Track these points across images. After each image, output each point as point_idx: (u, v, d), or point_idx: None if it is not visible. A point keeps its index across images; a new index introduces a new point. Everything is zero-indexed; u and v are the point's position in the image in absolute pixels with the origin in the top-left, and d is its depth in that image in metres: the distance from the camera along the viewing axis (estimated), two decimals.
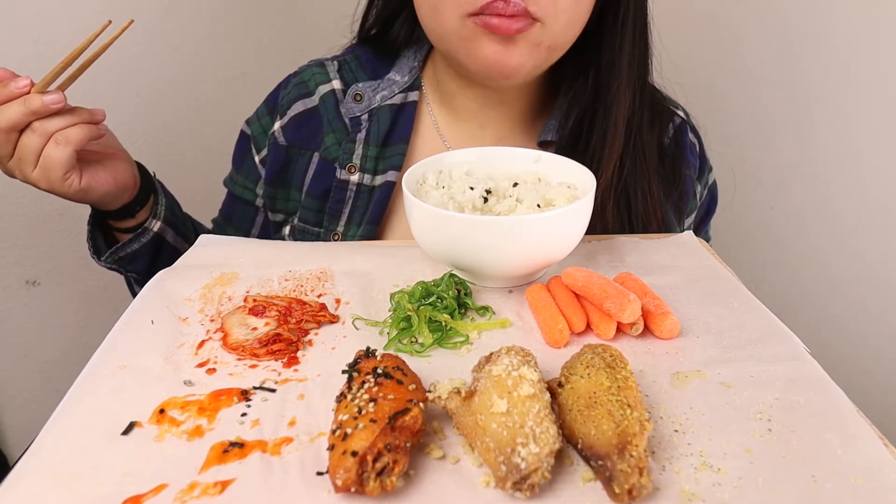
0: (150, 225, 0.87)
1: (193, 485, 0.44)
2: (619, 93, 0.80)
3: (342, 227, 0.87)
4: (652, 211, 0.82)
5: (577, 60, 0.83)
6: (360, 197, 0.87)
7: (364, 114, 0.88)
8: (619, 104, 0.80)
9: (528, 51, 0.74)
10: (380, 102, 0.88)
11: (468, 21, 0.72)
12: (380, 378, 0.48)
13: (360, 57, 0.92)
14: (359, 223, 0.87)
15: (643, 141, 0.82)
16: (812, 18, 1.30)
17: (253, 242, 0.80)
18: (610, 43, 0.80)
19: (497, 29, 0.71)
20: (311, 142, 0.90)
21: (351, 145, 0.87)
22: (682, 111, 0.94)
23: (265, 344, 0.58)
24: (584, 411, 0.46)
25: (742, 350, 0.57)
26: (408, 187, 0.66)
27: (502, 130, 0.90)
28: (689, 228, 0.91)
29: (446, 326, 0.61)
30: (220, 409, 0.51)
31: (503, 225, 0.61)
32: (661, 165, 0.86)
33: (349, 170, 0.87)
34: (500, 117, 0.89)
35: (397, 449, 0.43)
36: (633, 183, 0.82)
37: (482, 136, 0.90)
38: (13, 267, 1.32)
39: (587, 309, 0.62)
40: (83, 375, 0.55)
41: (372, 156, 0.87)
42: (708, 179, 0.95)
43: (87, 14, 1.18)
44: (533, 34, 0.73)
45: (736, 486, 0.43)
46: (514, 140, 0.90)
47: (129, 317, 0.62)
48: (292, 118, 0.90)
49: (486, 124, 0.90)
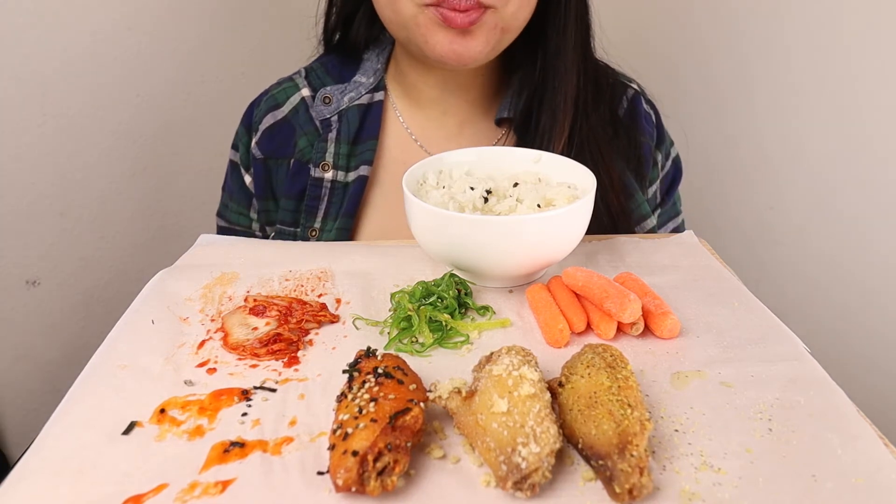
0: None
1: (194, 484, 0.44)
2: (565, 72, 0.85)
3: (318, 222, 0.90)
4: (605, 172, 0.85)
5: (526, 42, 0.87)
6: (335, 193, 0.90)
7: (334, 115, 0.92)
8: (565, 82, 0.85)
9: (485, 36, 0.78)
10: (348, 104, 0.92)
11: (425, 10, 0.76)
12: (380, 378, 0.48)
13: (325, 64, 0.97)
14: (335, 217, 0.90)
15: (590, 113, 0.87)
16: (811, 17, 1.30)
17: (253, 242, 0.80)
18: (554, 25, 0.85)
19: (452, 22, 0.75)
20: (285, 150, 0.93)
21: (323, 144, 0.91)
22: (636, 84, 0.98)
23: (266, 344, 0.58)
24: (585, 411, 0.47)
25: (742, 350, 0.57)
26: (408, 187, 0.66)
27: (463, 115, 0.94)
28: (655, 198, 0.96)
29: (447, 326, 0.61)
30: (221, 409, 0.51)
31: (503, 225, 0.61)
32: (616, 135, 0.91)
33: (322, 168, 0.90)
34: (459, 102, 0.93)
35: (398, 449, 0.43)
36: (585, 151, 0.87)
37: (445, 123, 0.94)
38: (13, 267, 1.32)
39: (587, 309, 0.62)
40: (83, 375, 0.55)
41: (344, 153, 0.90)
42: (670, 152, 0.99)
43: (88, 15, 1.18)
44: (486, 20, 0.77)
45: (736, 485, 0.43)
46: (475, 124, 0.95)
47: (130, 317, 0.63)
48: (264, 132, 0.94)
49: (448, 110, 0.94)
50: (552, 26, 0.85)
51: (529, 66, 0.89)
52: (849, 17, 1.28)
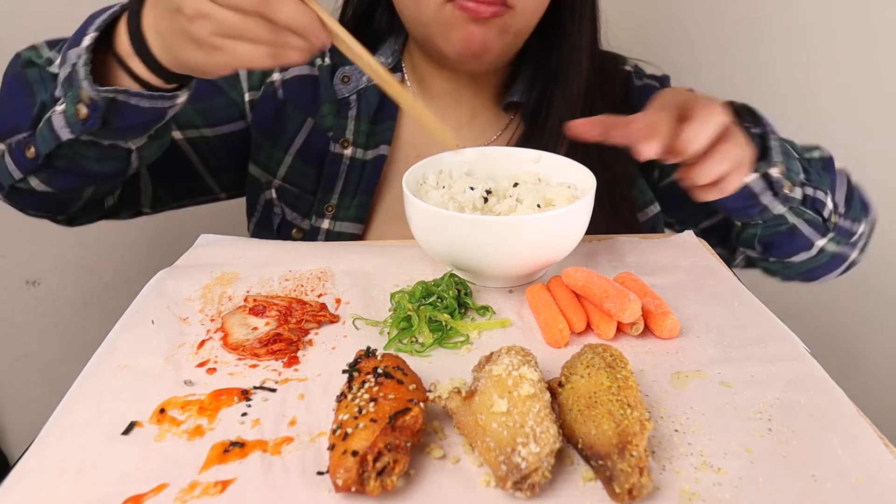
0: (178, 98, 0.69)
1: (194, 484, 0.44)
2: (578, 67, 0.87)
3: (336, 198, 0.91)
4: (608, 166, 0.84)
5: (539, 36, 0.88)
6: (353, 170, 0.90)
7: (353, 94, 0.92)
8: (579, 77, 0.87)
9: (498, 34, 0.80)
10: (367, 83, 0.92)
11: (447, 6, 0.77)
12: (380, 378, 0.48)
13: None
14: (353, 195, 0.90)
15: (597, 105, 0.88)
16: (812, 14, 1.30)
17: (253, 242, 0.80)
18: (570, 21, 0.87)
19: (474, 12, 0.76)
20: (309, 106, 0.92)
21: (343, 121, 0.91)
22: (629, 65, 0.99)
23: (265, 344, 0.58)
24: (585, 411, 0.47)
25: (742, 350, 0.57)
26: (408, 187, 0.66)
27: (475, 105, 0.95)
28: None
29: (446, 326, 0.61)
30: (221, 409, 0.51)
31: (503, 225, 0.61)
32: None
33: (342, 144, 0.91)
34: (471, 94, 0.94)
35: (398, 448, 0.43)
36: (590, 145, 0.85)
37: (458, 113, 0.95)
38: (13, 267, 1.32)
39: (587, 309, 0.62)
40: (83, 375, 0.55)
41: (364, 131, 0.91)
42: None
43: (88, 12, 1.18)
44: (504, 20, 0.78)
45: (736, 485, 0.43)
46: (486, 112, 0.95)
47: (130, 317, 0.63)
48: (295, 76, 0.93)
49: (461, 101, 0.95)
50: (568, 23, 0.87)
51: (538, 55, 0.90)
52: (849, 18, 1.28)
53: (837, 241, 0.83)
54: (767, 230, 0.80)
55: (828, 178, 0.80)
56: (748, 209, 0.76)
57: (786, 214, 0.77)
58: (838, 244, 0.84)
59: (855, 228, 0.84)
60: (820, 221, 0.79)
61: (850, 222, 0.84)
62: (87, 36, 0.64)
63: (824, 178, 0.79)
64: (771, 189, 0.73)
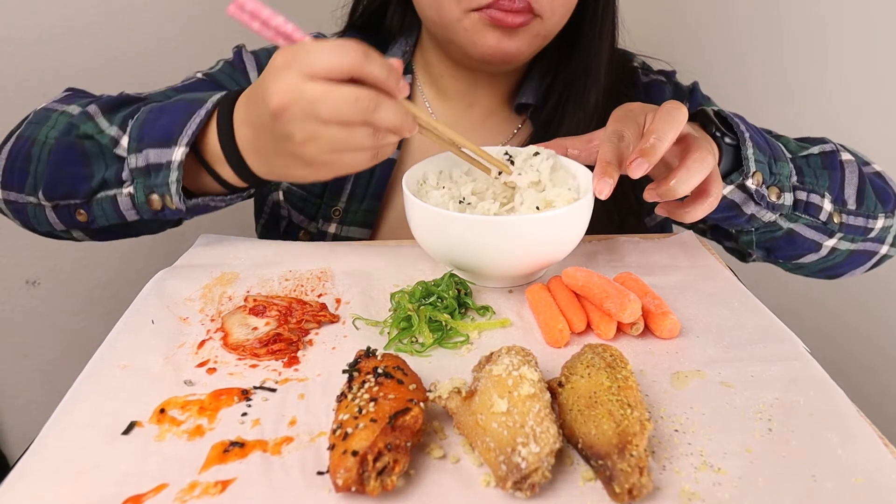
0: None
1: (194, 484, 0.44)
2: (598, 72, 0.87)
3: (343, 203, 0.90)
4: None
5: (557, 39, 0.88)
6: (361, 175, 0.89)
7: None
8: (598, 83, 0.87)
9: (528, 41, 0.80)
10: None
11: (471, 14, 0.76)
12: (380, 378, 0.48)
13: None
14: (361, 199, 0.90)
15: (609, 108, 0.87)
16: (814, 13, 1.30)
17: (253, 242, 0.80)
18: (591, 27, 0.86)
19: (502, 22, 0.76)
20: None
21: None
22: (636, 62, 0.98)
23: (265, 344, 0.58)
24: (585, 411, 0.47)
25: (742, 350, 0.57)
26: (408, 187, 0.66)
27: (488, 107, 0.94)
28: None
29: (446, 326, 0.61)
30: (221, 409, 0.51)
31: (503, 225, 0.61)
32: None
33: None
34: (486, 95, 0.93)
35: (398, 448, 0.43)
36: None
37: (470, 114, 0.94)
38: (13, 267, 1.32)
39: (587, 309, 0.62)
40: (83, 375, 0.55)
41: None
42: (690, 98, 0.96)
43: (88, 12, 1.18)
44: (533, 27, 0.78)
45: (736, 485, 0.43)
46: (498, 113, 0.95)
47: (130, 317, 0.63)
48: None
49: (474, 103, 0.94)
50: (588, 29, 0.86)
51: (555, 59, 0.90)
52: (849, 17, 1.28)
53: (851, 239, 0.79)
54: (763, 236, 0.78)
55: (827, 176, 0.77)
56: (732, 219, 0.74)
57: (778, 221, 0.75)
58: (853, 241, 0.79)
59: (871, 224, 0.79)
60: (820, 224, 0.76)
61: (864, 218, 0.79)
62: (177, 148, 0.64)
63: (822, 176, 0.76)
64: (752, 199, 0.71)
